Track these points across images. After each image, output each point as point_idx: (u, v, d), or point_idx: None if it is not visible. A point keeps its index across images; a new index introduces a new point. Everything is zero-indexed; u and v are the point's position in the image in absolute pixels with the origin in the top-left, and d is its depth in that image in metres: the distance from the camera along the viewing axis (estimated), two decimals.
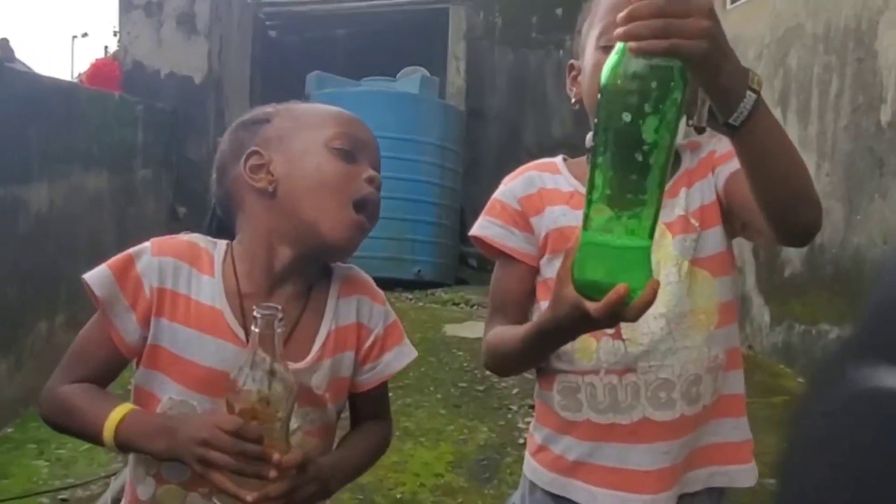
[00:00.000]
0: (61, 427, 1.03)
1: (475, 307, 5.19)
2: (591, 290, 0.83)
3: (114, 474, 2.68)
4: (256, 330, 0.89)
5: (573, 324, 0.89)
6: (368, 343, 1.10)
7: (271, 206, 1.04)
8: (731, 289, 1.12)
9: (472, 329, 4.61)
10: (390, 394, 1.20)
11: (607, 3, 1.06)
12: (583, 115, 1.12)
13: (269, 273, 1.05)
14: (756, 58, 4.95)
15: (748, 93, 0.82)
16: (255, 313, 0.90)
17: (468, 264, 6.36)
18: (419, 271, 5.94)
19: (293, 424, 0.99)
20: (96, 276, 1.00)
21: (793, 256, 4.39)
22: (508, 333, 1.06)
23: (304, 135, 1.05)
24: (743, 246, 4.97)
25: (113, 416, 0.95)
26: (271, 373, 0.89)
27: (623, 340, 1.04)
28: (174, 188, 5.22)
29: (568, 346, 1.05)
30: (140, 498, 1.03)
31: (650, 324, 1.04)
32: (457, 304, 5.42)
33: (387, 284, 1.17)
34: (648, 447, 1.05)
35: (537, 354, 1.06)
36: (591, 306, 0.82)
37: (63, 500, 2.58)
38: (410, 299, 5.38)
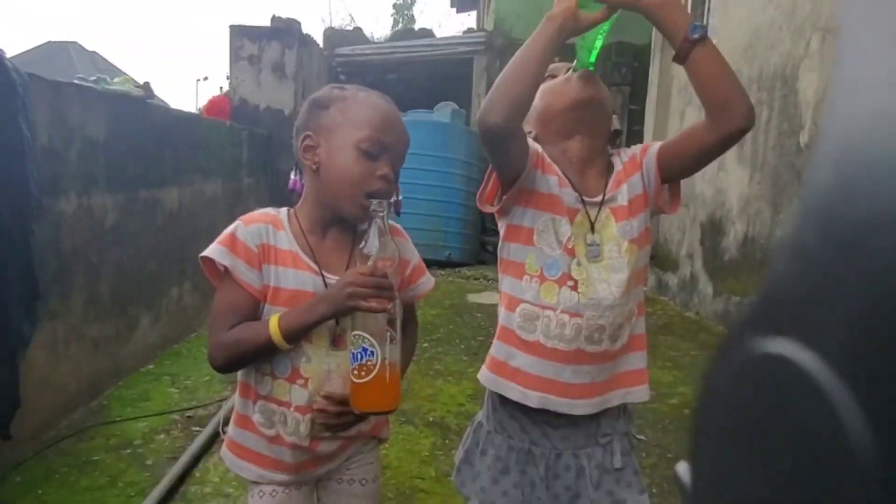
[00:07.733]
0: (235, 361, 1.02)
1: (491, 281, 5.16)
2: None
3: (225, 398, 2.75)
4: (374, 214, 0.95)
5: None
6: (409, 270, 1.12)
7: (316, 179, 1.05)
8: (646, 255, 1.10)
9: (489, 297, 4.60)
10: (425, 345, 1.23)
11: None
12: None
13: (321, 223, 1.07)
14: None
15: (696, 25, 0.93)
16: (371, 207, 0.96)
17: (486, 249, 6.33)
18: (449, 255, 5.94)
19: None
20: (216, 252, 1.01)
21: (731, 246, 4.32)
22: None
23: (343, 132, 1.02)
24: (693, 239, 4.91)
25: (272, 321, 0.97)
26: (384, 240, 0.96)
27: (578, 293, 1.04)
28: (270, 192, 5.27)
29: (536, 286, 1.05)
30: (260, 393, 1.05)
31: (597, 286, 1.04)
32: (477, 279, 5.40)
33: (425, 264, 1.18)
34: (577, 367, 1.05)
35: (534, 53, 0.97)
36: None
37: (189, 416, 2.64)
38: (443, 275, 5.38)
